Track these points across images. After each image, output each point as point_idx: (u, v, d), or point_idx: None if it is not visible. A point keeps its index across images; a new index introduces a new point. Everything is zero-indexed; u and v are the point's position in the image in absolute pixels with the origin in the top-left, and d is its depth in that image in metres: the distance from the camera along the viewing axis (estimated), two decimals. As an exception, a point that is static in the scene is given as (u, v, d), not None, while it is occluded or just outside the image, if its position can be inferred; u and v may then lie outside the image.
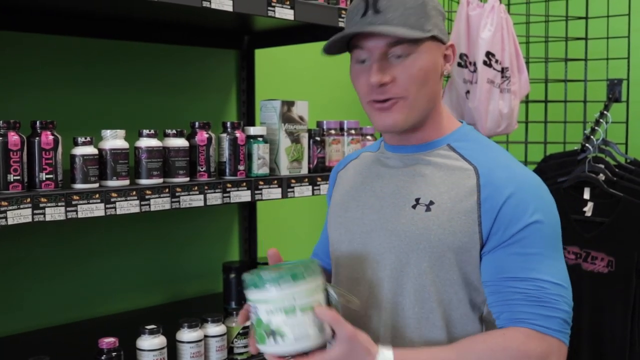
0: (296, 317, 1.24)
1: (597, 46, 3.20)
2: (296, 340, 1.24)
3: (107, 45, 2.35)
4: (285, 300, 1.24)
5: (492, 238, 1.34)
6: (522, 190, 1.34)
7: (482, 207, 1.34)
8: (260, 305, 1.26)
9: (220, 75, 2.68)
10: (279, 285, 1.24)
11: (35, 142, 1.62)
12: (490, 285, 1.35)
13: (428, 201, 1.38)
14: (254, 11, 1.91)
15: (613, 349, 2.70)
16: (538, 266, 1.32)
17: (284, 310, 1.24)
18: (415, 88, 1.36)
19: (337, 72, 3.05)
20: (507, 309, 1.32)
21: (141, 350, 1.82)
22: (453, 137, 1.45)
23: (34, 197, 1.56)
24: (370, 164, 1.55)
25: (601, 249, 2.73)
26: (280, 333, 1.24)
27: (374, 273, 1.42)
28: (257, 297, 1.27)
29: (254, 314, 1.28)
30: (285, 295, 1.24)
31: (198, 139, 1.92)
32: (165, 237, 2.56)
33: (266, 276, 1.25)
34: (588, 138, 2.89)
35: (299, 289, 1.25)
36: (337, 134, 2.28)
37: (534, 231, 1.33)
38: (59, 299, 2.28)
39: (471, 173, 1.38)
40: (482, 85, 2.78)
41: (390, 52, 1.36)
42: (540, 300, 1.30)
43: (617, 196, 2.71)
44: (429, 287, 1.37)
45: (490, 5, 2.82)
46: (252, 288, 1.27)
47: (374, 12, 1.35)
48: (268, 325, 1.25)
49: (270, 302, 1.25)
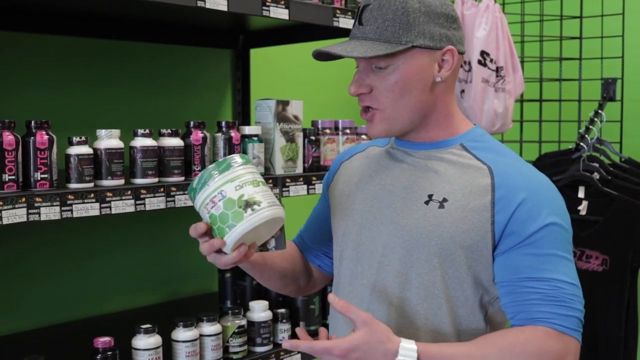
0: (260, 188, 1.35)
1: (592, 45, 3.21)
2: (270, 205, 1.33)
3: (102, 44, 2.35)
4: (249, 174, 1.36)
5: (506, 239, 1.34)
6: (537, 193, 1.35)
7: (495, 206, 1.35)
8: (227, 186, 1.34)
9: (216, 74, 2.68)
10: (245, 164, 1.37)
11: (30, 141, 1.61)
12: (505, 286, 1.35)
13: (441, 198, 1.38)
14: (249, 11, 1.91)
15: (607, 347, 2.71)
16: (554, 267, 1.33)
17: (251, 182, 1.35)
18: (390, 100, 1.39)
19: (332, 72, 3.06)
20: (524, 308, 1.33)
21: (136, 350, 1.82)
22: (466, 138, 1.45)
23: (28, 197, 1.56)
24: (379, 157, 1.54)
25: (596, 247, 2.74)
26: (255, 201, 1.33)
27: (381, 267, 1.43)
28: (223, 179, 1.35)
29: (222, 197, 1.34)
30: (248, 170, 1.37)
31: (193, 138, 1.92)
32: (161, 237, 2.56)
33: (225, 160, 1.37)
34: (583, 137, 2.90)
35: (253, 168, 1.39)
36: (332, 134, 2.28)
37: (549, 233, 1.33)
38: (55, 298, 2.28)
39: (485, 172, 1.38)
40: (477, 85, 2.79)
41: (372, 63, 1.39)
42: (557, 300, 1.31)
43: (611, 195, 2.72)
44: (439, 283, 1.37)
45: (485, 5, 2.83)
46: (216, 174, 1.35)
47: (359, 23, 1.40)
48: (240, 198, 1.33)
49: (237, 178, 1.35)
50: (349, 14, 2.17)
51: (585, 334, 2.74)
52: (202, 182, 1.36)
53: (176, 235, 2.60)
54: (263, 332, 2.07)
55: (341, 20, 2.15)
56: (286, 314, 2.15)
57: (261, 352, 2.07)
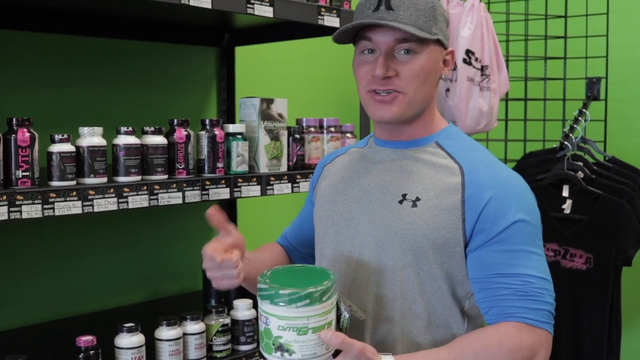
0: (307, 337, 1.24)
1: (576, 45, 3.22)
2: (303, 358, 1.25)
3: (85, 42, 2.33)
4: (298, 320, 1.24)
5: (477, 237, 1.38)
6: (504, 190, 1.39)
7: (465, 204, 1.39)
8: (272, 318, 1.25)
9: (201, 72, 2.67)
10: (295, 306, 1.23)
11: (11, 139, 1.60)
12: (478, 282, 1.39)
13: (414, 197, 1.42)
14: (233, 8, 1.91)
15: (591, 345, 2.72)
16: (523, 262, 1.36)
17: (296, 329, 1.24)
18: (415, 85, 1.41)
19: (317, 70, 3.05)
20: (496, 304, 1.37)
21: (119, 349, 1.81)
22: (441, 136, 1.50)
23: (10, 195, 1.55)
24: (358, 159, 1.58)
25: (580, 246, 2.75)
26: (289, 350, 1.25)
27: (358, 265, 1.46)
28: (270, 310, 1.25)
29: (264, 323, 1.27)
30: (299, 315, 1.24)
31: (176, 136, 1.91)
32: (145, 235, 2.55)
33: (284, 293, 1.24)
34: (567, 136, 2.91)
35: (315, 311, 1.24)
36: (316, 132, 2.28)
37: (518, 229, 1.37)
38: (37, 297, 2.26)
39: (456, 171, 1.42)
40: (462, 83, 2.79)
41: (397, 48, 1.41)
42: (528, 295, 1.35)
43: (595, 194, 2.73)
44: (413, 279, 1.40)
45: (470, 4, 2.83)
46: (267, 301, 1.26)
47: (387, 8, 1.40)
48: (278, 339, 1.25)
49: (284, 319, 1.24)
50: (333, 12, 2.17)
51: (569, 331, 2.75)
52: (262, 295, 1.27)
53: (160, 234, 2.58)
54: (247, 330, 2.06)
55: (326, 19, 2.15)
56: (270, 312, 2.14)
57: (245, 350, 2.06)
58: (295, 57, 2.97)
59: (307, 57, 3.01)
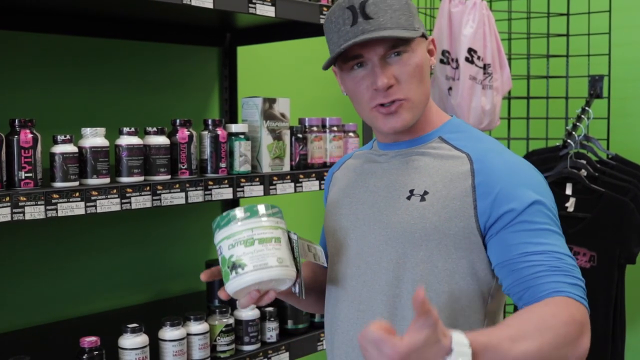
0: (254, 247, 1.31)
1: (579, 43, 3.22)
2: (255, 269, 1.30)
3: (88, 42, 2.33)
4: (244, 233, 1.32)
5: (494, 223, 1.33)
6: (517, 175, 1.35)
7: (476, 190, 1.35)
8: (222, 243, 1.33)
9: (203, 73, 2.67)
10: (237, 221, 1.33)
11: (14, 140, 1.60)
12: (505, 266, 1.32)
13: (422, 191, 1.39)
14: (235, 8, 1.91)
15: (595, 343, 2.72)
16: (549, 240, 1.31)
17: (243, 242, 1.31)
18: (415, 86, 1.39)
19: (319, 69, 3.04)
20: (532, 283, 1.28)
21: (123, 349, 1.81)
22: (444, 130, 1.48)
23: (13, 196, 1.55)
24: (363, 162, 1.57)
25: (583, 244, 2.75)
26: (241, 264, 1.31)
27: (369, 266, 1.43)
28: (220, 236, 1.34)
29: (219, 255, 1.34)
30: (243, 229, 1.32)
31: (179, 136, 1.91)
32: (148, 236, 2.55)
33: (225, 215, 1.34)
34: (570, 134, 2.90)
35: (256, 223, 1.33)
36: (319, 131, 2.28)
37: (536, 210, 1.32)
38: (40, 298, 2.26)
39: (464, 160, 1.39)
40: (464, 82, 2.79)
41: (388, 54, 1.38)
42: (562, 270, 1.28)
43: (598, 192, 2.73)
44: (427, 276, 1.36)
45: (472, 2, 2.82)
46: (217, 229, 1.35)
47: (365, 18, 1.36)
48: (230, 259, 1.31)
49: (231, 237, 1.32)
50: (335, 11, 2.16)
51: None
52: (213, 227, 1.37)
53: (163, 234, 2.58)
54: (251, 330, 2.06)
55: (328, 18, 2.15)
56: (274, 312, 2.15)
57: (249, 350, 2.06)
58: (298, 56, 2.96)
59: (309, 56, 3.01)
